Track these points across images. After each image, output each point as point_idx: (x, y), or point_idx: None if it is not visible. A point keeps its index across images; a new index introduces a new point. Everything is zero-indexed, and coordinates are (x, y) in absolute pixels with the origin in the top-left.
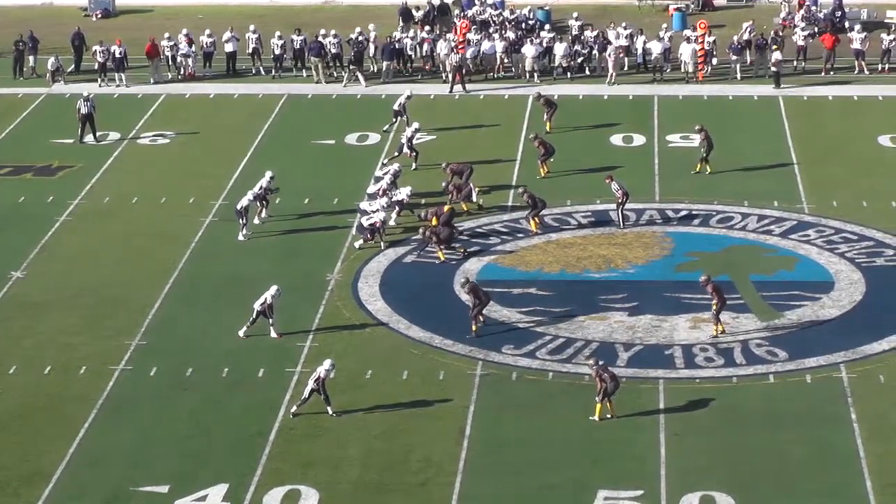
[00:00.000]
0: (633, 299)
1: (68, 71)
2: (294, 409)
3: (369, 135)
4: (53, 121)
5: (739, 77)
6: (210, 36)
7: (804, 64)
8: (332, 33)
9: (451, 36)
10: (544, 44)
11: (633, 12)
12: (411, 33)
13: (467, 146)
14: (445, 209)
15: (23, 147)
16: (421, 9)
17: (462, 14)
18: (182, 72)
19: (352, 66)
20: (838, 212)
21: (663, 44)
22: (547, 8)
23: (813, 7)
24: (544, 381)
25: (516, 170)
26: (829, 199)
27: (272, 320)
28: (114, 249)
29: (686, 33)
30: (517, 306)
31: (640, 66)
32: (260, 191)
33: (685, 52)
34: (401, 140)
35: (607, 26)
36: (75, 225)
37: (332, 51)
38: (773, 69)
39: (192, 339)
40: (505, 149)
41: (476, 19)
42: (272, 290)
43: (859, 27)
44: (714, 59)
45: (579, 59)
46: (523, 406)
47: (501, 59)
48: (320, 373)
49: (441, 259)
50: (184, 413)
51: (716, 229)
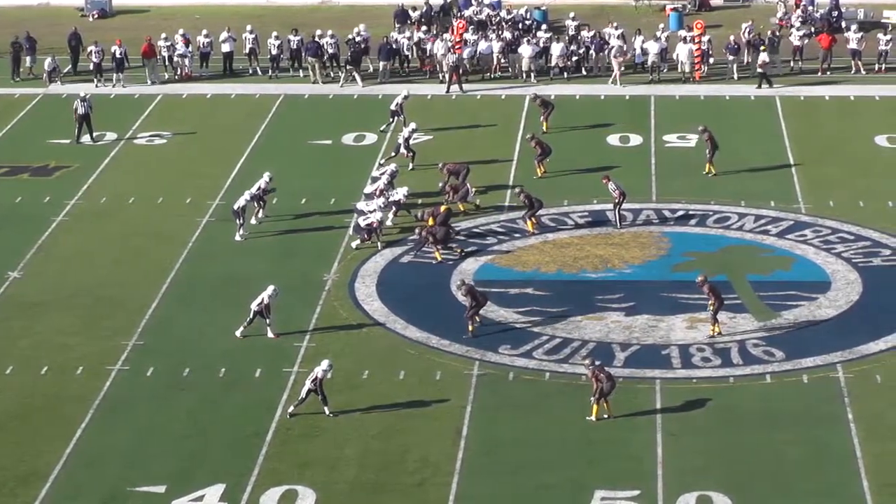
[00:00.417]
0: (629, 299)
1: (65, 71)
2: (291, 409)
3: (366, 135)
4: (50, 121)
5: (736, 77)
6: (207, 36)
7: (801, 64)
8: (329, 33)
9: (447, 36)
10: (541, 44)
11: (630, 12)
12: (408, 33)
13: (464, 146)
14: (442, 209)
15: (19, 147)
16: (418, 9)
17: (459, 14)
18: (179, 72)
19: (349, 67)
20: (835, 212)
21: (660, 44)
22: (544, 8)
23: (810, 7)
24: (541, 381)
25: (513, 170)
26: (825, 199)
27: (269, 320)
28: (111, 250)
29: (681, 33)
30: (514, 306)
31: (638, 67)
32: (257, 191)
33: (682, 53)
34: (398, 140)
35: (608, 25)
36: (72, 225)
37: (330, 51)
38: (760, 70)
39: (189, 339)
40: (502, 149)
41: (473, 19)
42: (269, 290)
43: (856, 27)
44: (711, 59)
45: (575, 59)
46: (520, 406)
47: (498, 59)
48: (317, 373)
49: (438, 259)
50: (181, 413)
51: (713, 229)
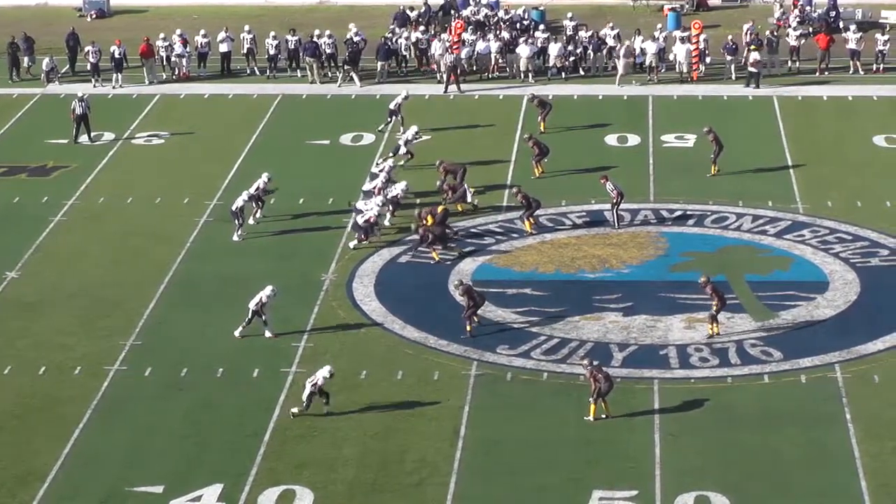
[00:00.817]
0: (627, 299)
1: (63, 71)
2: (295, 410)
3: (364, 135)
4: (48, 121)
5: (734, 77)
6: (205, 36)
7: (798, 64)
8: (326, 33)
9: (445, 36)
10: (539, 44)
11: (628, 12)
12: (406, 33)
13: (462, 146)
14: (439, 209)
15: (18, 147)
16: (416, 9)
17: (457, 14)
18: (177, 72)
19: (346, 67)
20: (833, 212)
21: (658, 44)
22: (541, 8)
23: (807, 7)
24: (539, 381)
25: (511, 170)
26: (823, 200)
27: (266, 318)
28: (109, 250)
29: (676, 34)
30: (512, 306)
31: (636, 67)
32: (256, 191)
33: (680, 53)
34: (398, 141)
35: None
36: (70, 225)
37: (327, 51)
38: (752, 69)
39: (187, 339)
40: (500, 149)
41: (471, 19)
42: (267, 290)
43: (854, 27)
44: (708, 59)
45: (573, 60)
46: (518, 406)
47: (496, 59)
48: (318, 379)
49: (436, 259)
50: (179, 413)
51: (711, 229)
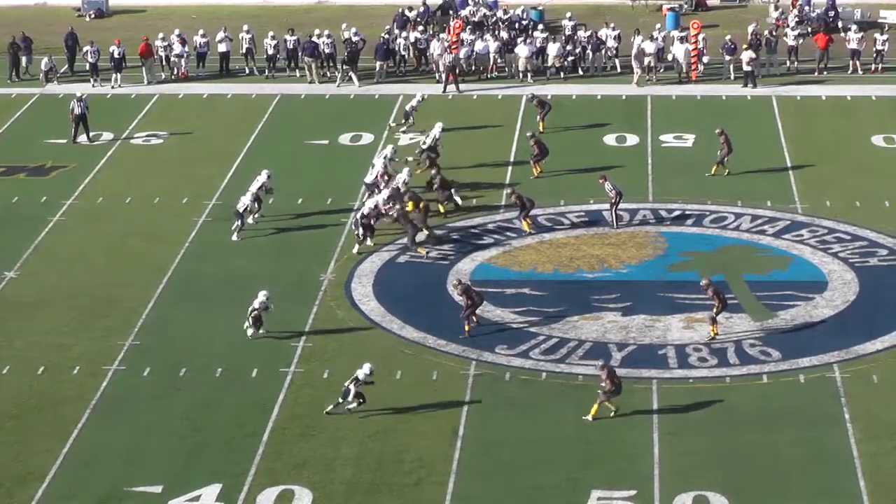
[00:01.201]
0: (626, 299)
1: (62, 71)
2: (352, 406)
3: (363, 135)
4: (47, 121)
5: (733, 77)
6: (203, 36)
7: (797, 64)
8: (325, 33)
9: (444, 36)
10: (538, 44)
11: (627, 12)
12: (405, 33)
13: (461, 146)
14: (421, 206)
15: (16, 147)
16: (414, 9)
17: (455, 14)
18: (175, 72)
19: (345, 67)
20: (831, 212)
21: (657, 43)
22: (540, 8)
23: (806, 7)
24: (538, 381)
25: (509, 169)
26: (822, 199)
27: (258, 323)
28: (107, 249)
29: (674, 33)
30: (510, 306)
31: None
32: (259, 189)
33: (678, 52)
34: (424, 143)
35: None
36: (69, 225)
37: (326, 51)
38: (748, 68)
39: (186, 339)
40: (498, 148)
41: (469, 19)
42: (260, 296)
43: (856, 27)
44: (706, 58)
45: (572, 59)
46: (516, 406)
47: (495, 59)
48: (359, 375)
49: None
50: (177, 413)
51: (709, 229)
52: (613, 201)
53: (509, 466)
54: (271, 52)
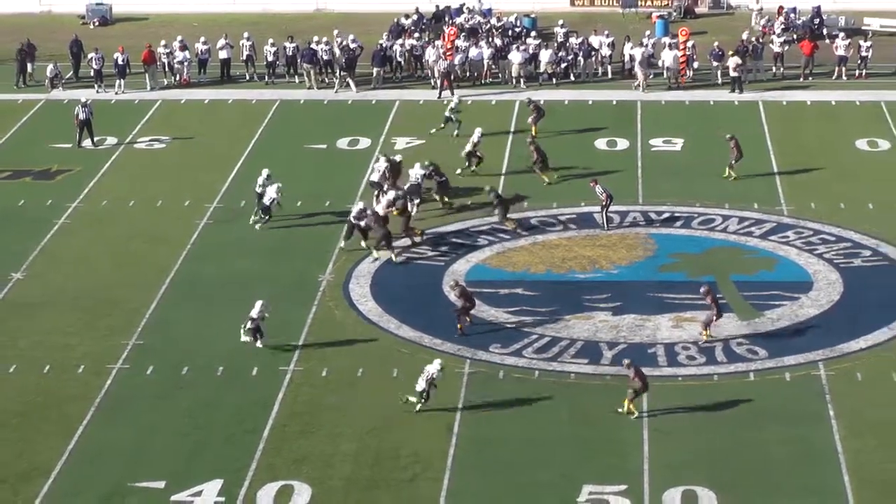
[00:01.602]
0: (616, 299)
1: (66, 77)
2: (419, 407)
3: (360, 139)
4: (52, 126)
5: (720, 82)
6: (205, 43)
7: (783, 70)
8: (324, 40)
9: (439, 43)
10: (530, 50)
11: (618, 19)
12: (401, 40)
13: (454, 150)
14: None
15: (22, 152)
16: (410, 16)
17: (450, 21)
18: (178, 78)
19: (343, 73)
20: (817, 214)
21: (646, 50)
22: (533, 16)
23: (792, 14)
24: (531, 379)
25: (503, 172)
26: (807, 202)
27: (262, 329)
28: (111, 251)
29: (664, 40)
30: (504, 306)
31: (626, 72)
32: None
33: (668, 59)
34: (467, 148)
35: (606, 32)
36: (74, 227)
37: (324, 57)
38: (734, 73)
39: (188, 338)
40: (492, 153)
41: (464, 27)
42: (258, 305)
43: (843, 35)
44: (695, 64)
45: (564, 66)
46: (510, 404)
47: (489, 65)
48: (432, 373)
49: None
50: (179, 410)
51: (698, 231)
52: (604, 204)
53: (503, 462)
54: (271, 58)
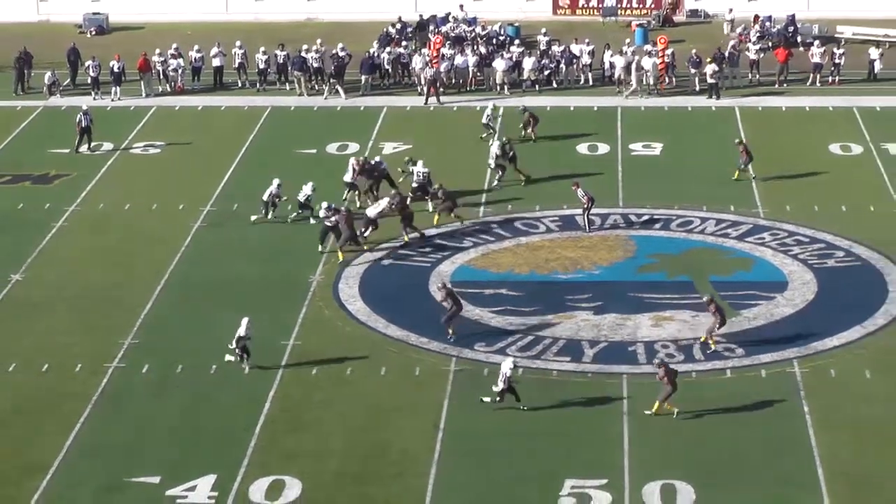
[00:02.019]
0: (598, 299)
1: (64, 85)
2: (488, 399)
3: (349, 144)
4: (50, 132)
5: (698, 89)
6: (198, 51)
7: (758, 76)
8: (314, 48)
9: (425, 51)
10: (514, 58)
11: (598, 28)
12: (388, 48)
13: (441, 154)
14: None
15: (22, 157)
16: (395, 25)
17: (436, 30)
18: (172, 85)
19: (332, 80)
20: (791, 216)
21: (626, 58)
22: (517, 24)
23: (767, 23)
24: (515, 376)
25: (487, 176)
26: (782, 204)
27: (246, 355)
28: (108, 253)
29: (645, 48)
30: (489, 306)
31: (606, 79)
32: (275, 197)
33: (647, 66)
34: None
35: (586, 41)
36: (71, 230)
37: (314, 65)
38: (712, 80)
39: (182, 337)
40: (477, 156)
41: (449, 35)
42: (243, 324)
43: (818, 42)
44: (673, 71)
45: (546, 73)
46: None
47: (474, 72)
48: (506, 372)
49: (340, 258)
50: (174, 408)
51: (676, 233)
52: (586, 207)
53: (488, 457)
54: (262, 66)
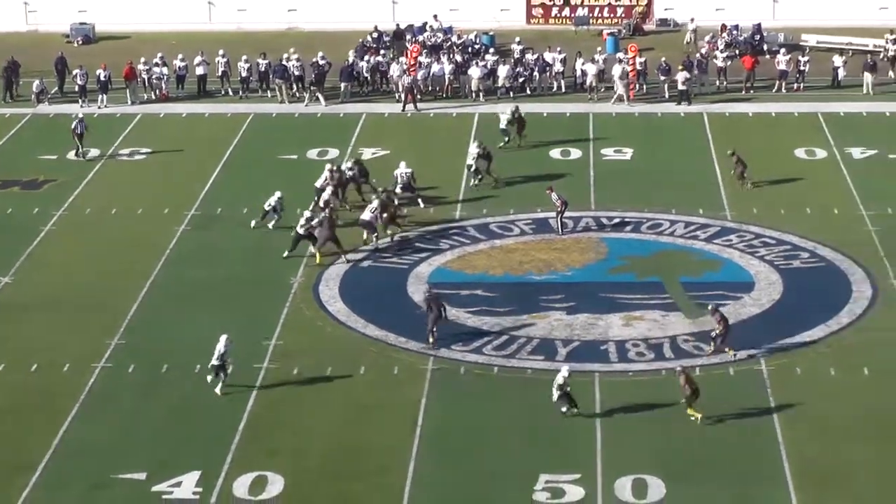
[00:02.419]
0: (570, 300)
1: (52, 92)
2: (564, 409)
3: (329, 150)
4: (38, 139)
5: (667, 96)
6: (182, 60)
7: (726, 83)
8: (294, 57)
9: (403, 59)
10: (489, 66)
11: (571, 37)
12: (367, 57)
13: (418, 160)
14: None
15: (10, 163)
16: (371, 34)
17: (413, 39)
18: (157, 93)
19: (312, 87)
20: (758, 218)
21: (598, 65)
22: (491, 33)
23: (734, 31)
24: (490, 374)
25: (462, 181)
26: (749, 207)
27: (228, 370)
28: (95, 257)
29: (617, 56)
30: (465, 307)
31: (578, 87)
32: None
33: (618, 73)
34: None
35: (558, 49)
36: (59, 234)
37: (295, 73)
38: (683, 87)
39: (167, 338)
40: (453, 161)
41: (426, 43)
42: (222, 340)
43: (784, 50)
44: (643, 78)
45: (521, 80)
46: (471, 398)
47: (450, 80)
48: (559, 380)
49: (317, 261)
50: (160, 406)
51: (646, 235)
52: (559, 210)
53: (465, 454)
54: (245, 74)
